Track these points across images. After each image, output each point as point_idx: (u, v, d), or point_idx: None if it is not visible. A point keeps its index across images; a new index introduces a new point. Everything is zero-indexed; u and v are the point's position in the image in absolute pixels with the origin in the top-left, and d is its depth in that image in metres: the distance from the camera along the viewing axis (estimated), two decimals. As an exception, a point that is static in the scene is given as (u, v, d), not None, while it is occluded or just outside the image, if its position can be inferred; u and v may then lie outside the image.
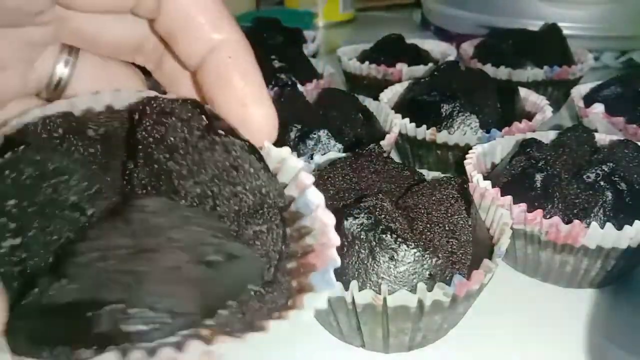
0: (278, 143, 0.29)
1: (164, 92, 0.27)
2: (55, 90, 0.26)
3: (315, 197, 0.22)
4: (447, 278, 0.29)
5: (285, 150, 0.24)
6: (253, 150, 0.22)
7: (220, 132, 0.21)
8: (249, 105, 0.24)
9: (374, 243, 0.29)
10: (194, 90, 0.27)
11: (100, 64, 0.27)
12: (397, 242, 0.29)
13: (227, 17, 0.25)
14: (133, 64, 0.28)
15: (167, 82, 0.28)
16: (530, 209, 0.35)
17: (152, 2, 0.24)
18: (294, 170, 0.23)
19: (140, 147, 0.22)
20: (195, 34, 0.24)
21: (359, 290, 0.28)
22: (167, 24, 0.25)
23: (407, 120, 0.49)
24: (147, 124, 0.22)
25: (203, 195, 0.21)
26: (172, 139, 0.22)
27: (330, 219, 0.21)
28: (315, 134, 0.44)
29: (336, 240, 0.21)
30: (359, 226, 0.30)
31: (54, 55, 0.25)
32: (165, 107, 0.22)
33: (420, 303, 0.29)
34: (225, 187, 0.21)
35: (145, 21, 0.26)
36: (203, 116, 0.22)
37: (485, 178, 0.39)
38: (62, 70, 0.26)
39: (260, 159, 0.22)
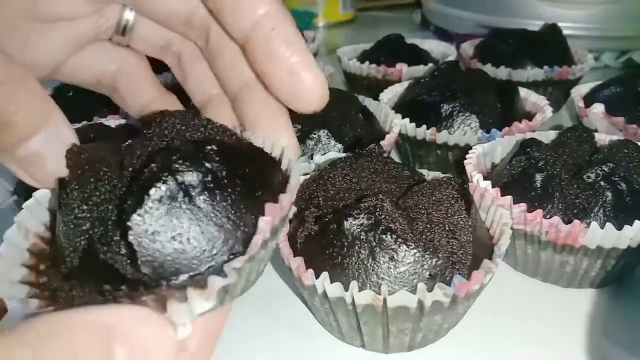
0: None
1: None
2: (123, 34, 0.30)
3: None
4: (447, 278, 0.29)
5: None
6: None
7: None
8: (297, 72, 0.25)
9: (374, 243, 0.29)
10: (237, 61, 0.28)
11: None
12: (397, 243, 0.29)
13: None
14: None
15: (211, 56, 0.29)
16: (530, 209, 0.35)
17: None
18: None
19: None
20: (240, 8, 0.25)
21: (359, 291, 0.28)
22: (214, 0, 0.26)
23: (407, 120, 0.49)
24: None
25: None
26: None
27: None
28: (315, 134, 0.44)
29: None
30: (359, 226, 0.30)
31: (119, 6, 0.29)
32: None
33: (420, 303, 0.29)
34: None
35: None
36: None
37: (485, 178, 0.39)
38: (128, 15, 0.29)
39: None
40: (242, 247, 0.21)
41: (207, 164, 0.21)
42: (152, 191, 0.19)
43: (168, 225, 0.20)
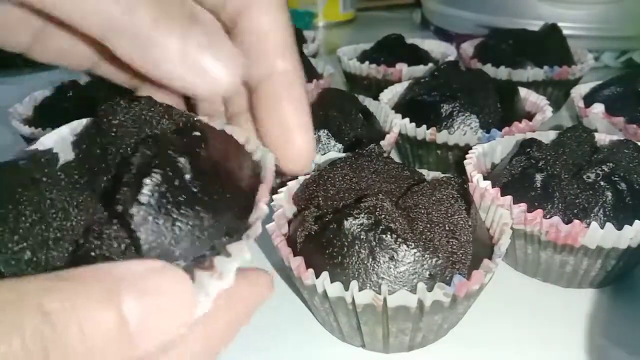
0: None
1: None
2: None
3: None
4: (447, 278, 0.29)
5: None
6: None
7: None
8: (293, 130, 0.25)
9: (374, 243, 0.29)
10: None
11: None
12: (397, 242, 0.29)
13: (291, 46, 0.26)
14: None
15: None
16: (530, 209, 0.35)
17: (235, 9, 0.25)
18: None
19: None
20: (261, 57, 0.25)
21: (359, 290, 0.28)
22: (239, 39, 0.25)
23: (407, 120, 0.49)
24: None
25: None
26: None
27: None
28: (315, 134, 0.44)
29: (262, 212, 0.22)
30: (359, 226, 0.30)
31: None
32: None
33: (420, 303, 0.29)
34: None
35: None
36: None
37: (485, 178, 0.39)
38: None
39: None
40: (237, 227, 0.22)
41: (196, 149, 0.21)
42: (148, 179, 0.20)
43: (167, 210, 0.20)
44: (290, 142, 0.26)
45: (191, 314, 0.17)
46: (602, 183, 0.35)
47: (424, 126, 0.48)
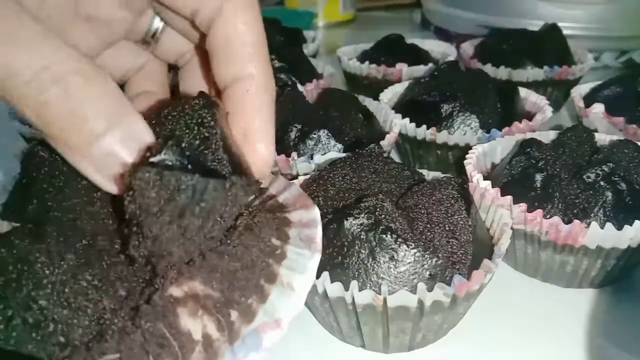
0: (278, 143, 0.29)
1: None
2: (152, 39, 0.31)
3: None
4: (447, 278, 0.29)
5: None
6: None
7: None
8: (249, 137, 0.27)
9: (374, 243, 0.29)
10: None
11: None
12: (397, 242, 0.29)
13: (261, 54, 0.27)
14: None
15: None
16: (530, 209, 0.35)
17: (207, 16, 0.26)
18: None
19: None
20: (230, 60, 0.27)
21: (359, 291, 0.28)
22: (210, 43, 0.27)
23: (407, 120, 0.49)
24: None
25: None
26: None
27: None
28: (315, 134, 0.44)
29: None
30: (359, 226, 0.30)
31: (151, 14, 0.31)
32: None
33: (420, 303, 0.29)
34: None
35: None
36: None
37: (485, 178, 0.39)
38: (158, 24, 0.31)
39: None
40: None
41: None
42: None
43: None
44: (245, 149, 0.26)
45: None
46: (602, 183, 0.35)
47: (424, 126, 0.48)
